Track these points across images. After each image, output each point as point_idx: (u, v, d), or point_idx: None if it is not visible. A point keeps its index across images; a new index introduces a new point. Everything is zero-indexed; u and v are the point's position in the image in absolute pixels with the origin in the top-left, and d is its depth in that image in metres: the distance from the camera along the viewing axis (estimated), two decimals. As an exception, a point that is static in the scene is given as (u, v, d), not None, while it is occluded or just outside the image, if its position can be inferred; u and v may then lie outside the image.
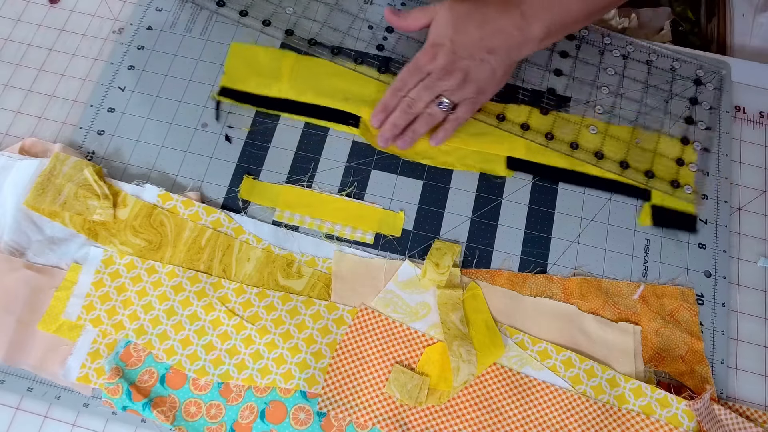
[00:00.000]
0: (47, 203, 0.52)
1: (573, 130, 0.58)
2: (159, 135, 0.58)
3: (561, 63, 0.61)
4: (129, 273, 0.51)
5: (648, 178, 0.56)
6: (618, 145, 0.57)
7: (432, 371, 0.49)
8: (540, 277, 0.53)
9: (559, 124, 0.58)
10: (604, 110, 0.59)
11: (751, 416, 0.49)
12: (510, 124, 0.58)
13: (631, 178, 0.56)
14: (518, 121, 0.58)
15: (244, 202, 0.55)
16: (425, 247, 0.54)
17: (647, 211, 0.56)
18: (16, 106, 0.59)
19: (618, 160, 0.57)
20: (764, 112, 0.61)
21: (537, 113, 0.59)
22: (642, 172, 0.56)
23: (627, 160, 0.57)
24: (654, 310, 0.52)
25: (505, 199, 0.56)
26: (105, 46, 0.62)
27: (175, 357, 0.49)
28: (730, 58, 0.64)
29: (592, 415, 0.48)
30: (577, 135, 0.58)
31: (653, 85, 0.60)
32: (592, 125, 0.58)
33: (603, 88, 0.60)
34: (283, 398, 0.48)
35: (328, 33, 0.62)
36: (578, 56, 0.62)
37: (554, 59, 0.62)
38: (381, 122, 0.56)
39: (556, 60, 0.62)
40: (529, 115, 0.58)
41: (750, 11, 0.69)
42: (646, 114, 0.59)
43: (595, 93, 0.60)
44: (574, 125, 0.58)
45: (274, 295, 0.51)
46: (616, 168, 0.56)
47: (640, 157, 0.57)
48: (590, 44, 0.62)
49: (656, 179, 0.56)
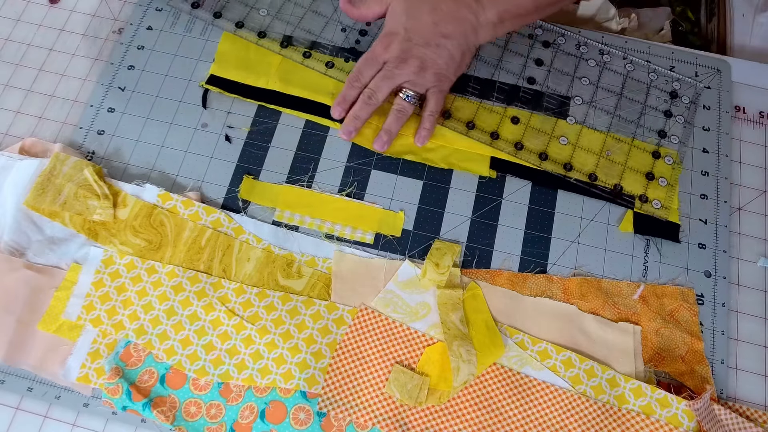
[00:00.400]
0: (47, 203, 0.52)
1: (542, 141, 0.57)
2: (159, 135, 0.58)
3: (535, 71, 0.61)
4: (129, 273, 0.51)
5: (616, 191, 0.56)
6: (587, 157, 0.57)
7: (432, 371, 0.49)
8: (540, 277, 0.53)
9: (529, 133, 0.58)
10: (576, 120, 0.58)
11: (751, 416, 0.49)
12: (479, 132, 0.57)
13: (599, 191, 0.56)
14: (488, 129, 0.57)
15: (244, 202, 0.55)
16: (425, 247, 0.54)
17: (629, 217, 0.55)
18: (16, 106, 0.59)
19: (587, 172, 0.56)
20: (764, 112, 0.61)
21: (507, 121, 0.58)
22: (611, 185, 0.56)
23: (596, 173, 0.56)
24: (654, 310, 0.52)
25: (505, 199, 0.56)
26: (105, 46, 0.62)
27: (175, 357, 0.49)
28: (730, 58, 0.64)
29: (592, 415, 0.48)
30: (546, 146, 0.57)
31: (628, 96, 0.60)
32: (563, 136, 0.58)
33: (576, 98, 0.60)
34: (283, 398, 0.48)
35: (301, 35, 0.62)
36: (553, 65, 0.61)
37: (529, 66, 0.61)
38: (341, 114, 0.55)
39: (530, 68, 0.61)
40: (499, 123, 0.58)
41: (750, 11, 0.69)
42: (619, 125, 0.58)
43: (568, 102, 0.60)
44: (544, 135, 0.58)
45: (274, 295, 0.51)
46: (584, 179, 0.56)
47: (609, 170, 0.56)
48: (566, 54, 0.62)
49: (624, 192, 0.56)
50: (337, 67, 0.60)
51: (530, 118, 0.58)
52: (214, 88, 0.59)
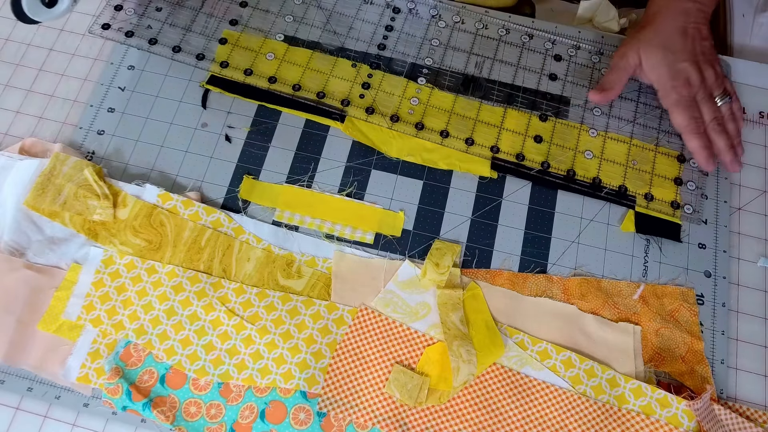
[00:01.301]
0: (47, 203, 0.52)
1: (568, 157, 0.57)
2: (159, 135, 0.58)
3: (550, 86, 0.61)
4: (129, 273, 0.51)
5: (648, 200, 0.56)
6: (614, 169, 0.57)
7: (432, 371, 0.49)
8: (540, 277, 0.53)
9: (554, 151, 0.57)
10: (597, 132, 0.58)
11: (751, 416, 0.49)
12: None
13: (629, 200, 0.56)
14: (513, 152, 0.57)
15: (244, 202, 0.55)
16: (425, 247, 0.54)
17: (630, 217, 0.55)
18: (16, 106, 0.59)
19: (617, 185, 0.56)
20: (764, 112, 0.61)
21: (530, 140, 0.58)
22: (642, 195, 0.56)
23: (625, 184, 0.56)
24: (654, 310, 0.52)
25: (505, 199, 0.56)
26: (105, 46, 0.62)
27: (175, 357, 0.49)
28: (730, 58, 0.64)
29: (592, 415, 0.48)
30: (572, 162, 0.57)
31: (644, 102, 0.60)
32: (588, 150, 0.58)
33: (596, 109, 0.60)
34: (283, 398, 0.48)
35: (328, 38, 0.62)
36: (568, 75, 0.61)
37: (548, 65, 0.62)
38: (714, 163, 0.56)
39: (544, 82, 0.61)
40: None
41: (750, 11, 0.69)
42: (641, 132, 0.59)
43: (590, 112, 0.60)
44: (569, 151, 0.58)
45: (274, 295, 0.51)
46: (614, 193, 0.56)
47: (638, 180, 0.56)
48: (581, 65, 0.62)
49: (656, 201, 0.56)
50: None
51: (553, 134, 0.58)
52: (214, 88, 0.59)
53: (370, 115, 0.58)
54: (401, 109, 0.59)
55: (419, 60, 0.61)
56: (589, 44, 0.63)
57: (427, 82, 0.60)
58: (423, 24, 0.63)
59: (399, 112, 0.58)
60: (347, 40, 0.62)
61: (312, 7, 0.64)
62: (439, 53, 0.62)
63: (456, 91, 0.60)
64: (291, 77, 0.60)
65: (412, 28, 0.63)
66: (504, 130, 0.58)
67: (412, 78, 0.60)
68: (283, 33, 0.62)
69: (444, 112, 0.59)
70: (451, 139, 0.57)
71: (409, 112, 0.58)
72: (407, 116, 0.58)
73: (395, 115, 0.58)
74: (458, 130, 0.58)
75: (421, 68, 0.61)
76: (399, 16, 0.64)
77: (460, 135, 0.58)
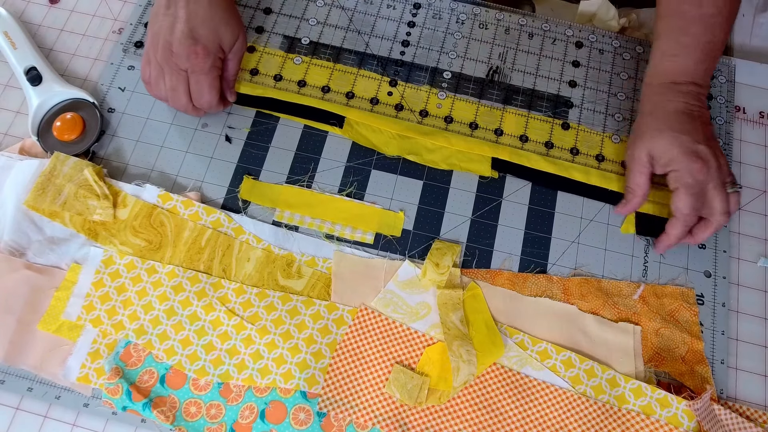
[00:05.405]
0: (47, 203, 0.52)
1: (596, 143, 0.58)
2: (159, 135, 0.58)
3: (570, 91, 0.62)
4: (129, 273, 0.51)
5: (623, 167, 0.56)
6: None
7: (432, 371, 0.49)
8: (540, 277, 0.53)
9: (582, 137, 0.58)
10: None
11: (751, 416, 0.49)
12: (533, 144, 0.58)
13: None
14: (542, 140, 0.58)
15: (244, 202, 0.55)
16: (425, 247, 0.54)
17: (631, 219, 0.55)
18: (16, 106, 0.59)
19: (593, 154, 0.57)
20: (764, 112, 0.61)
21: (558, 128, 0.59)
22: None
23: (602, 154, 0.57)
24: (654, 311, 0.52)
25: (505, 199, 0.56)
26: (105, 46, 0.62)
27: (175, 357, 0.49)
28: (730, 58, 0.64)
29: (592, 415, 0.48)
30: (600, 148, 0.58)
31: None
32: None
33: (620, 93, 0.60)
34: (283, 398, 0.48)
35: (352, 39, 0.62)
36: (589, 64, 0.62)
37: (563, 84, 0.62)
38: (671, 246, 0.54)
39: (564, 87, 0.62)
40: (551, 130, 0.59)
41: (750, 11, 0.69)
42: None
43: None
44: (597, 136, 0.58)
45: (274, 295, 0.51)
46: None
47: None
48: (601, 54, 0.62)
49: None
50: None
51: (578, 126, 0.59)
52: None
53: (400, 112, 0.58)
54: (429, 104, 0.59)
55: (443, 53, 0.62)
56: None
57: (448, 87, 0.60)
58: (444, 19, 0.64)
59: (427, 107, 0.59)
60: (371, 39, 0.62)
61: (335, 8, 0.64)
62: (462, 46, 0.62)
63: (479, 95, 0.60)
64: (319, 82, 0.60)
65: (432, 23, 0.64)
66: None
67: (433, 84, 0.60)
68: (308, 37, 0.62)
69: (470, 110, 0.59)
70: (480, 130, 0.58)
71: (438, 106, 0.59)
72: (435, 110, 0.59)
73: (424, 111, 0.59)
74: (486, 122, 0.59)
75: (443, 71, 0.61)
76: (420, 11, 0.64)
77: (489, 126, 0.59)
